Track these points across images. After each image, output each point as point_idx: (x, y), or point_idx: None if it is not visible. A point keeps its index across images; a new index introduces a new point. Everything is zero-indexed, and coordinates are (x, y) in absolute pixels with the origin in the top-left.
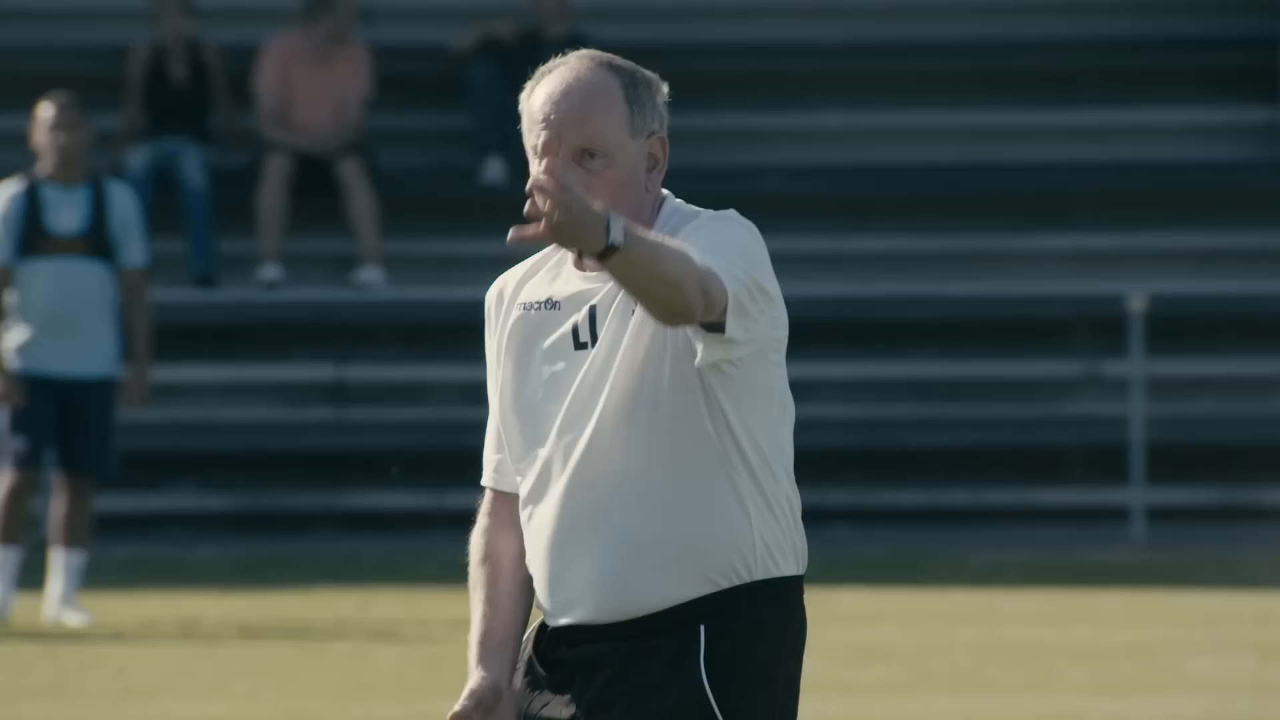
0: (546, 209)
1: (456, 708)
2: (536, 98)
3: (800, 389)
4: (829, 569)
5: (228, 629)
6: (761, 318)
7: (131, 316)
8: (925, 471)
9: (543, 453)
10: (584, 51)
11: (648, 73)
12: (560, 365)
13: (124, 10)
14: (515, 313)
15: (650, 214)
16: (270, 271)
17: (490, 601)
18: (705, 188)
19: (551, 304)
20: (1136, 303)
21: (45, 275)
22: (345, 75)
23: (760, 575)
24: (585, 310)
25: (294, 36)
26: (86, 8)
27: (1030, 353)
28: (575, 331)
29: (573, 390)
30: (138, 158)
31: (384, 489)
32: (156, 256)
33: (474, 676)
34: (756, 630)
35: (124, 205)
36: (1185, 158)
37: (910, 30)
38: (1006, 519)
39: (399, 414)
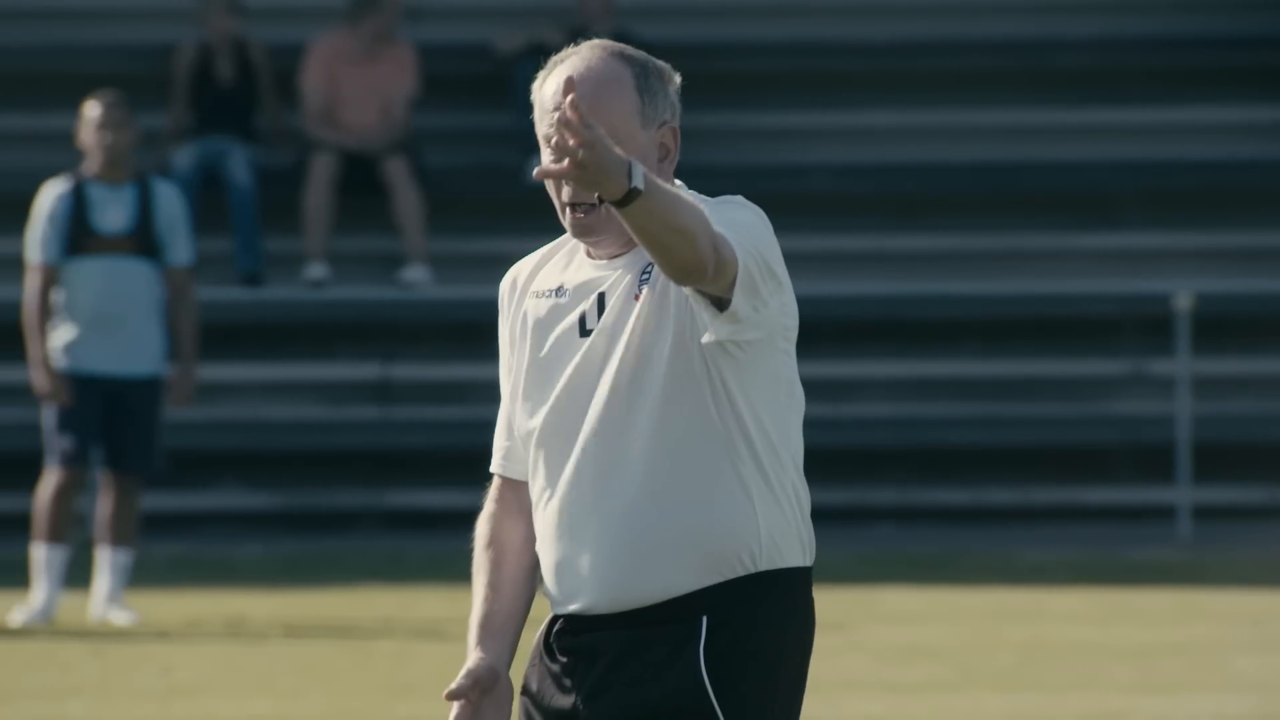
0: (572, 144)
1: (453, 686)
2: (548, 87)
3: (845, 388)
4: (874, 568)
5: (273, 627)
6: (771, 300)
7: (177, 315)
8: (971, 470)
9: (548, 440)
10: (596, 41)
11: (660, 63)
12: (566, 352)
13: (170, 10)
14: (527, 300)
15: None
16: (316, 270)
17: (492, 586)
18: (750, 186)
19: (562, 292)
20: (1182, 301)
21: (91, 274)
22: (391, 74)
23: (765, 566)
24: (594, 298)
25: (340, 35)
26: (133, 7)
27: (1076, 352)
28: (583, 319)
29: (577, 377)
30: (184, 157)
31: (429, 488)
32: (202, 255)
33: (472, 657)
34: (759, 621)
35: (170, 204)
36: (1231, 156)
37: (955, 29)
38: (1052, 518)
39: (444, 413)
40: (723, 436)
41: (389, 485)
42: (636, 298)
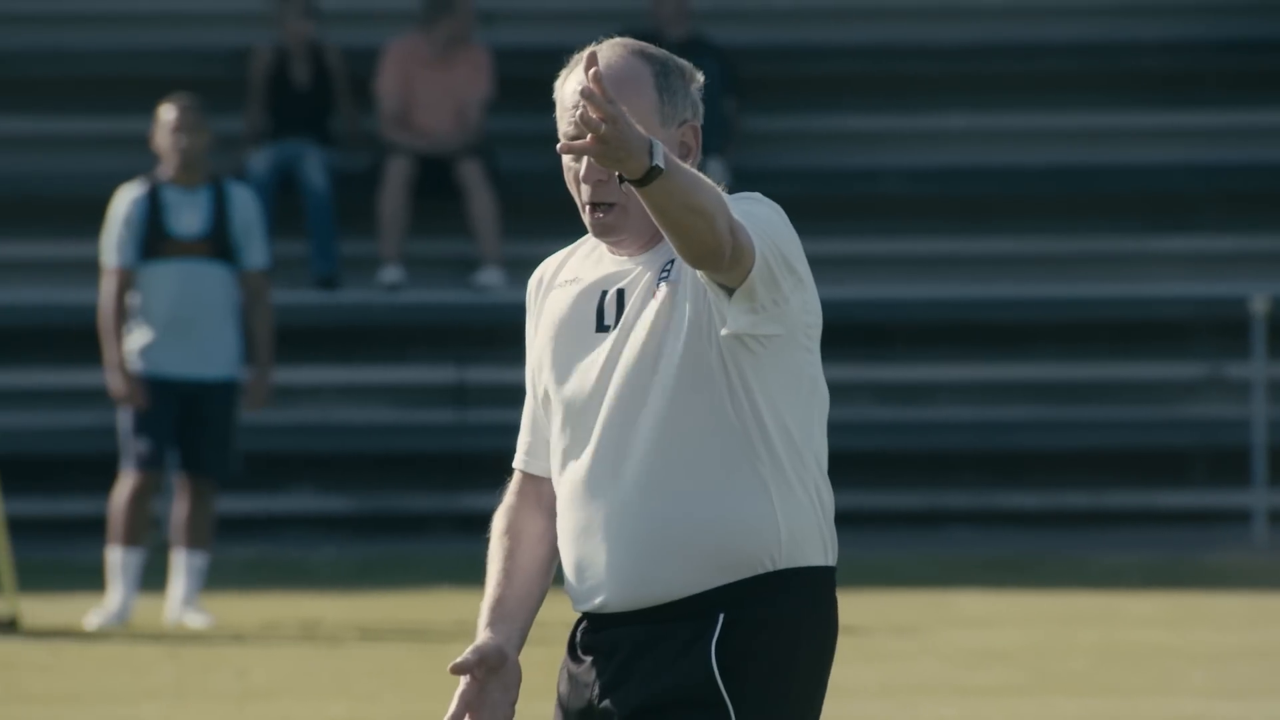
0: (595, 118)
1: (458, 659)
2: (568, 85)
3: (919, 391)
4: (948, 571)
5: (348, 630)
6: (792, 296)
7: (253, 318)
8: (1045, 474)
9: (568, 436)
10: (616, 39)
11: (681, 61)
12: (585, 347)
13: (246, 13)
14: (552, 295)
15: None
16: (391, 273)
17: (506, 572)
18: (823, 189)
19: (584, 287)
20: (1259, 304)
21: (167, 278)
22: (466, 77)
23: (785, 565)
24: (613, 293)
25: (415, 39)
26: (209, 11)
27: (1151, 355)
28: (602, 315)
29: (596, 373)
30: (260, 160)
31: (503, 490)
32: (278, 258)
33: (481, 636)
34: (776, 618)
35: (245, 207)
36: None
37: (1029, 31)
38: (1127, 521)
39: (518, 415)
40: (740, 434)
41: (463, 488)
42: (655, 294)
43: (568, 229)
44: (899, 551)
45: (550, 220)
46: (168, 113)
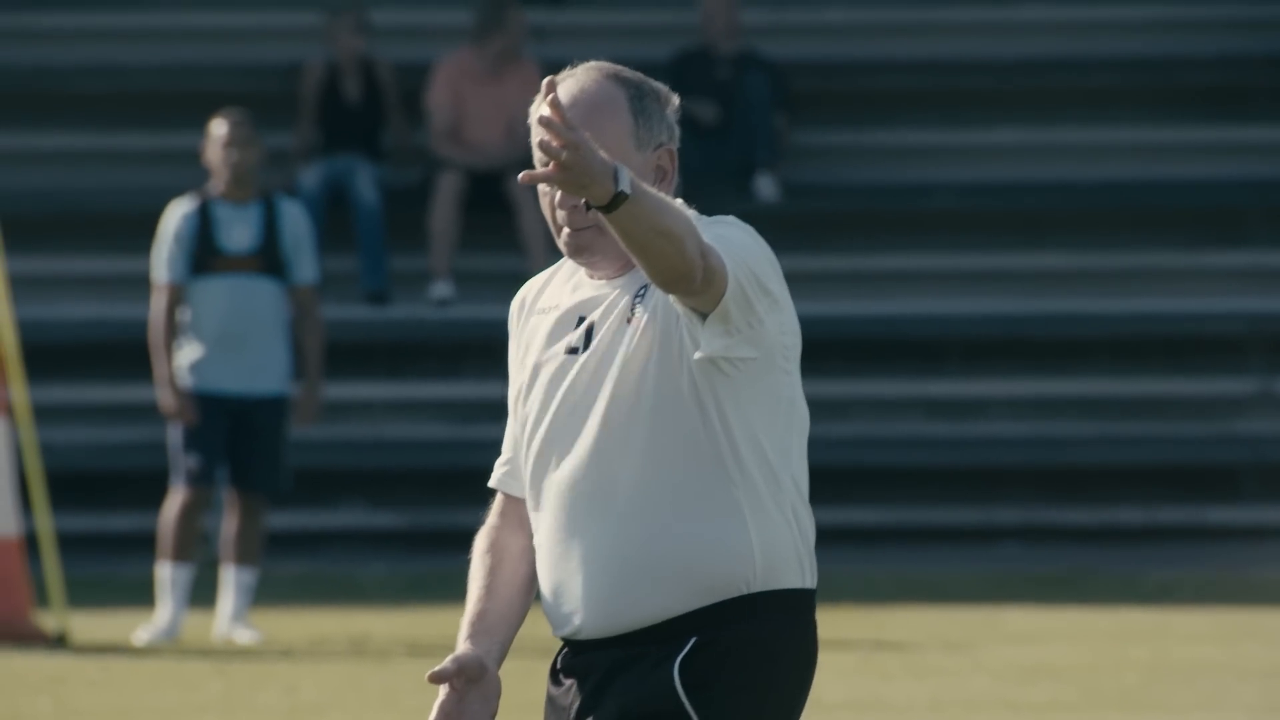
0: (555, 146)
1: (436, 668)
2: (543, 109)
3: (971, 407)
4: (999, 587)
5: (397, 646)
6: (767, 318)
7: (303, 334)
8: (1096, 490)
9: (542, 460)
10: (592, 63)
11: (656, 84)
12: (560, 373)
13: (298, 29)
14: (532, 319)
15: None
16: (441, 289)
17: (488, 588)
18: (875, 204)
19: (562, 313)
20: None
21: (217, 293)
22: (516, 92)
23: (760, 588)
24: (589, 318)
25: (465, 54)
26: (260, 27)
27: (1202, 370)
28: (577, 339)
29: (570, 398)
30: (311, 175)
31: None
32: (328, 274)
33: (460, 648)
34: (749, 640)
35: (295, 223)
36: None
37: (1082, 46)
38: (1178, 537)
39: None
40: (714, 458)
41: None
42: (629, 320)
43: None
44: (950, 567)
45: None
46: (219, 128)
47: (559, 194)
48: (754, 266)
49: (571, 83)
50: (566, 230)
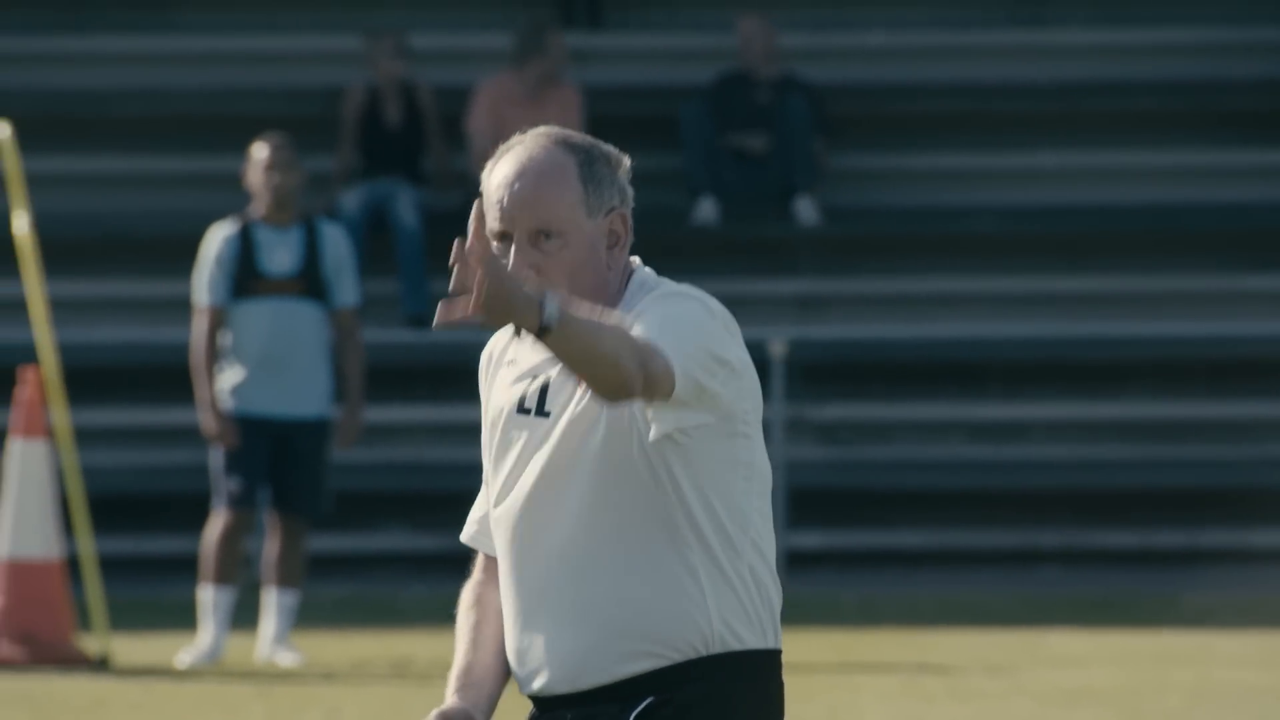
0: (476, 281)
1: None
2: (494, 179)
3: (1012, 430)
4: (1040, 610)
5: (438, 669)
6: (724, 389)
7: (344, 357)
8: (1138, 513)
9: (503, 520)
10: (541, 129)
11: (607, 148)
12: (517, 432)
13: (339, 53)
14: (500, 371)
15: (617, 289)
16: None
17: (474, 642)
18: (915, 228)
19: (520, 371)
20: None
21: (259, 316)
22: (556, 116)
23: (718, 649)
24: (541, 379)
25: (506, 78)
26: (301, 50)
27: (1243, 393)
28: (530, 399)
29: (524, 459)
30: (352, 199)
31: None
32: (369, 297)
33: (447, 701)
34: (705, 699)
35: (336, 245)
36: None
37: (1121, 70)
38: (1220, 560)
39: None
40: (666, 522)
41: None
42: (580, 383)
43: (657, 267)
44: (992, 590)
45: (642, 257)
46: (260, 151)
47: (511, 267)
48: (707, 343)
49: (520, 150)
50: None
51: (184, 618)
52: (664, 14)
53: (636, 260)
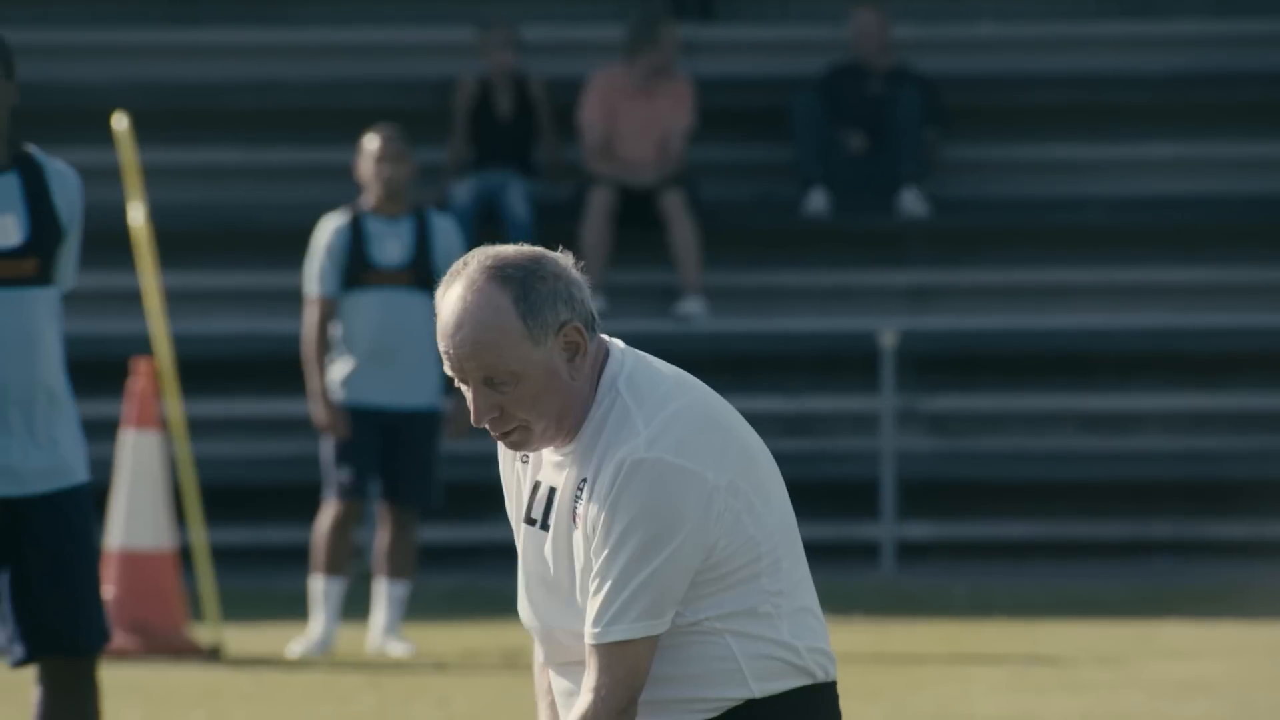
0: None
1: None
2: (440, 317)
3: (1123, 421)
4: (1152, 602)
5: None
6: (704, 587)
7: None
8: (1250, 503)
9: (525, 615)
10: (478, 262)
11: (548, 263)
12: (528, 539)
13: (451, 45)
14: (516, 465)
15: (588, 392)
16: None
17: None
18: (1027, 219)
19: (533, 468)
20: None
21: (369, 307)
22: (668, 108)
23: (759, 694)
24: (545, 490)
25: (617, 70)
26: (413, 43)
27: None
28: (533, 508)
29: (531, 563)
30: (463, 190)
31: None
32: None
33: None
34: None
35: (447, 236)
36: None
37: (1233, 60)
38: None
39: None
40: (682, 633)
41: None
42: (573, 513)
43: (768, 258)
44: (1104, 581)
45: (751, 250)
46: (371, 142)
47: (474, 413)
48: (663, 564)
49: (456, 295)
50: (495, 435)
51: (295, 608)
52: (776, 6)
53: (609, 347)
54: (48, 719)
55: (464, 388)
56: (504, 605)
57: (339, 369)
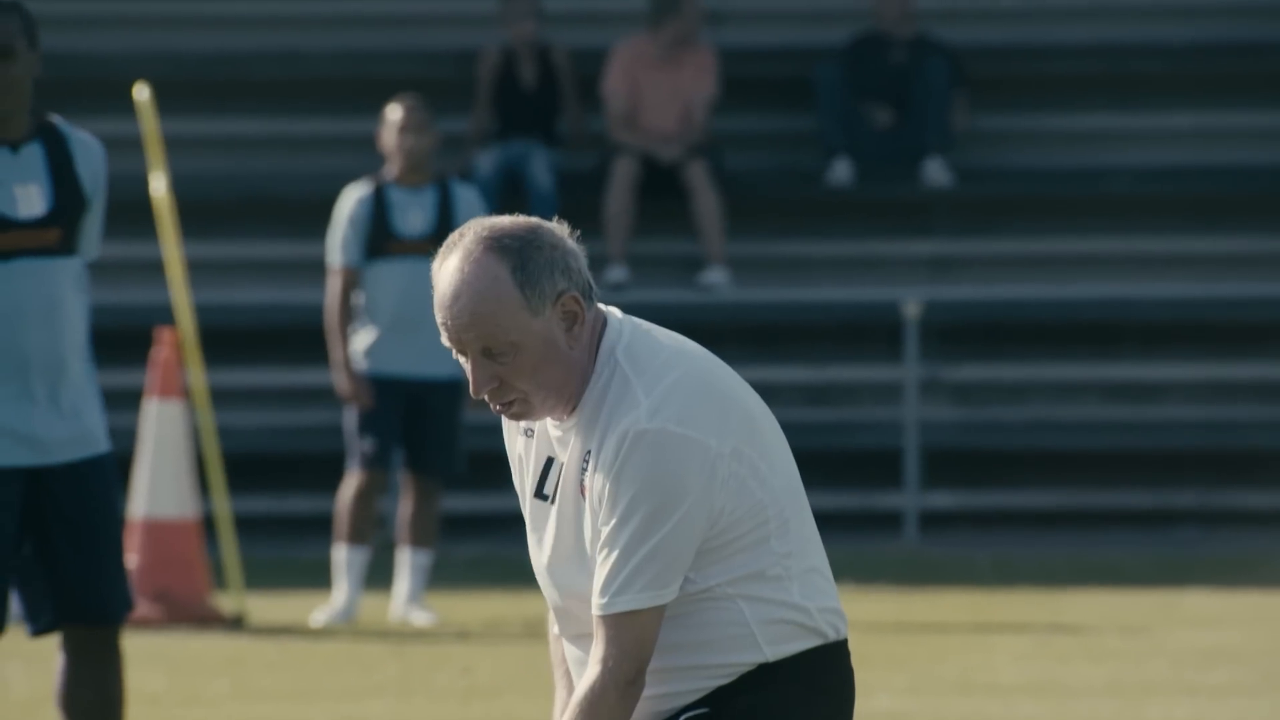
0: None
1: None
2: (437, 290)
3: (1148, 390)
4: (1176, 571)
5: None
6: (709, 554)
7: None
8: (1275, 473)
9: (542, 580)
10: (474, 234)
11: (544, 233)
12: (536, 512)
13: (474, 14)
14: (519, 439)
15: (587, 361)
16: (617, 273)
17: (566, 704)
18: (1051, 189)
19: (535, 444)
20: None
21: (392, 277)
22: (692, 78)
23: (772, 658)
24: (546, 461)
25: (641, 39)
26: (436, 13)
27: None
28: (540, 479)
29: (538, 532)
30: (486, 160)
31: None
32: None
33: None
34: (758, 705)
35: (470, 206)
36: None
37: (1256, 30)
38: None
39: None
40: (693, 600)
41: None
42: (580, 487)
43: (792, 228)
44: (1127, 550)
45: (775, 220)
46: (394, 113)
47: (473, 384)
48: (666, 535)
49: (454, 267)
50: (495, 407)
51: (318, 577)
52: None
53: (606, 316)
54: (71, 687)
55: (462, 359)
56: (526, 574)
57: (362, 339)
